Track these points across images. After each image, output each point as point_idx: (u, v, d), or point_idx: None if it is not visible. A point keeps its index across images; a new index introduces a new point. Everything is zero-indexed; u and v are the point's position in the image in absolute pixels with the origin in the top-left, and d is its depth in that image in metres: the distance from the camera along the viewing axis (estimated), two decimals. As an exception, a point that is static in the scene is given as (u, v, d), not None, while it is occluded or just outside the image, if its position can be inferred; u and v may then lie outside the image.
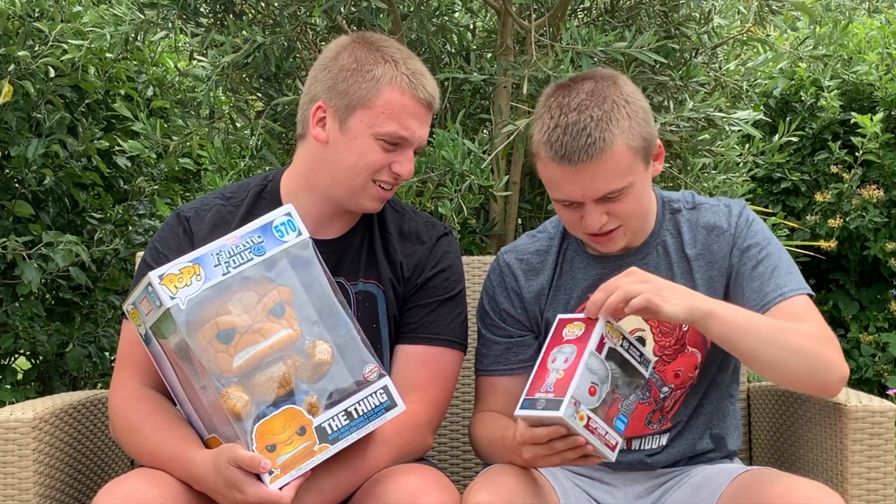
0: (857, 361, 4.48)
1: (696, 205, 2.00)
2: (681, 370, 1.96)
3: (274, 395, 1.71)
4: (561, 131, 1.81)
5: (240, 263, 1.74)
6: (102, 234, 3.38)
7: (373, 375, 1.79)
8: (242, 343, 1.70)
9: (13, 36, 3.16)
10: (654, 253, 1.98)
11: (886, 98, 4.34)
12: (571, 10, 3.10)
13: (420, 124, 1.92)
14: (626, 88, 1.88)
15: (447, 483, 1.80)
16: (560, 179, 1.84)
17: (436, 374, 1.97)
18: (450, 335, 1.99)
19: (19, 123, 3.17)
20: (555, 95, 1.87)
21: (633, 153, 1.83)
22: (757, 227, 1.96)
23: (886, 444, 1.89)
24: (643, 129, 1.85)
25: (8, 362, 3.50)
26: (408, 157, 1.92)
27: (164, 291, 1.68)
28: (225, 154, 2.96)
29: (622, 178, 1.83)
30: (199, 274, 1.71)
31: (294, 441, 1.70)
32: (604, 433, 1.69)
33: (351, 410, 1.75)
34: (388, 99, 1.88)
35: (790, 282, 1.89)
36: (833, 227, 4.30)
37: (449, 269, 2.02)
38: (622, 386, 1.73)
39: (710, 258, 1.95)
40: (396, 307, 1.98)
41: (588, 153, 1.79)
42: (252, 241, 1.76)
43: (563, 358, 1.73)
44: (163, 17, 2.89)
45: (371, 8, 2.79)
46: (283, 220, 1.79)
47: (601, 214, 1.85)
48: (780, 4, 3.02)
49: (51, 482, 1.97)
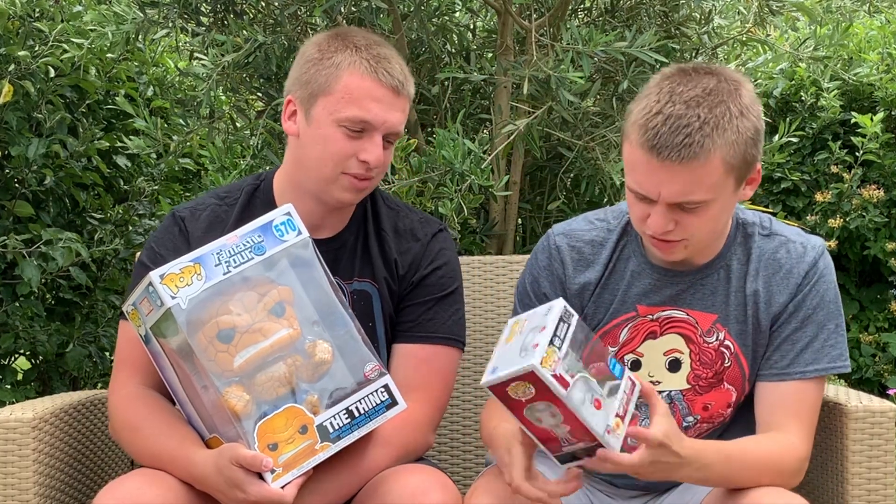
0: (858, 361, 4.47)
1: (771, 232, 1.87)
2: (711, 404, 1.88)
3: (275, 394, 1.71)
4: (662, 119, 1.66)
5: (240, 263, 1.74)
6: (102, 234, 3.38)
7: (374, 374, 1.78)
8: (243, 343, 1.70)
9: (13, 36, 3.16)
10: (714, 276, 1.86)
11: (887, 98, 4.33)
12: (572, 10, 3.10)
13: (385, 108, 1.86)
14: (746, 100, 1.72)
15: (449, 484, 1.80)
16: (641, 168, 1.70)
17: (435, 372, 1.97)
18: (447, 333, 1.98)
19: (19, 123, 3.17)
20: (671, 79, 1.72)
21: (728, 170, 1.69)
22: (822, 286, 1.83)
23: (886, 444, 1.89)
24: (747, 149, 1.70)
25: (8, 362, 3.49)
26: (374, 143, 1.86)
27: (166, 291, 1.68)
28: (226, 154, 2.96)
29: (706, 191, 1.69)
30: (199, 273, 1.71)
31: (296, 440, 1.70)
32: (624, 395, 1.60)
33: (352, 409, 1.75)
34: (346, 83, 1.85)
35: (820, 359, 1.81)
36: (833, 227, 4.30)
37: (445, 267, 2.01)
38: (584, 349, 1.60)
39: (767, 299, 1.84)
40: (392, 305, 1.98)
41: (680, 154, 1.65)
42: (252, 241, 1.76)
43: (548, 413, 1.56)
44: (164, 16, 2.89)
45: (371, 8, 2.79)
46: (283, 220, 1.79)
47: (669, 221, 1.72)
48: (781, 5, 3.02)
49: (51, 482, 1.97)
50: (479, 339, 2.37)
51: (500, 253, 2.98)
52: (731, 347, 1.86)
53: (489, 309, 2.38)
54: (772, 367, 1.83)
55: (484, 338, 2.37)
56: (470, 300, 2.37)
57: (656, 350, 1.88)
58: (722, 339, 1.86)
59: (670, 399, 1.88)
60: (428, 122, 3.10)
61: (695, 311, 1.87)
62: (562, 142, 2.94)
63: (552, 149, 3.04)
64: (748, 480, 1.72)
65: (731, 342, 1.86)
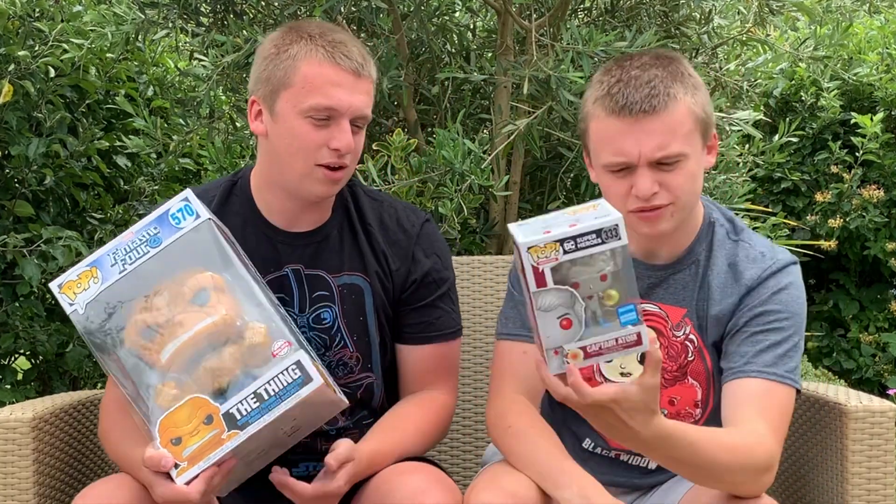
0: (858, 361, 4.48)
1: (739, 239, 1.87)
2: (677, 399, 1.88)
3: (211, 387, 1.66)
4: (623, 85, 1.71)
5: (136, 259, 1.71)
6: (103, 234, 3.38)
7: (283, 351, 1.68)
8: (166, 337, 1.67)
9: (13, 36, 3.16)
10: (686, 271, 1.87)
11: (886, 98, 4.34)
12: (571, 11, 3.10)
13: (348, 92, 1.82)
14: (688, 65, 1.80)
15: (450, 483, 1.80)
16: (616, 135, 1.72)
17: (451, 365, 2.03)
18: (454, 327, 2.03)
19: (19, 123, 3.17)
20: (615, 62, 1.78)
21: (695, 121, 1.74)
22: (786, 297, 1.80)
23: (886, 444, 1.89)
24: (704, 104, 1.77)
25: (8, 362, 3.49)
26: (342, 129, 1.83)
27: (64, 300, 1.70)
28: (225, 154, 2.96)
29: (682, 142, 1.72)
30: (96, 276, 1.70)
31: (200, 431, 1.63)
32: (614, 341, 1.48)
33: (261, 392, 1.64)
34: (305, 73, 1.82)
35: (778, 365, 1.76)
36: (833, 227, 4.30)
37: (440, 261, 2.01)
38: (596, 283, 1.47)
39: (719, 299, 1.84)
40: (385, 299, 1.97)
41: (651, 104, 1.70)
42: (148, 234, 1.72)
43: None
44: (164, 16, 2.89)
45: (371, 8, 2.79)
46: (181, 206, 1.75)
47: (653, 182, 1.73)
48: (781, 5, 3.02)
49: (50, 482, 1.97)
50: (478, 339, 2.37)
51: (500, 253, 2.98)
52: (694, 341, 1.86)
53: (489, 309, 2.38)
54: (732, 366, 1.80)
55: (483, 337, 2.37)
56: (470, 300, 2.38)
57: None
58: (688, 333, 1.87)
59: None
60: (428, 122, 3.10)
61: (666, 306, 1.88)
62: (562, 142, 2.94)
63: (552, 149, 3.04)
64: (717, 469, 1.65)
65: (696, 336, 1.86)
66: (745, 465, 1.66)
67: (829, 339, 4.58)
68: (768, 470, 1.70)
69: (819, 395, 2.01)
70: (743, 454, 1.66)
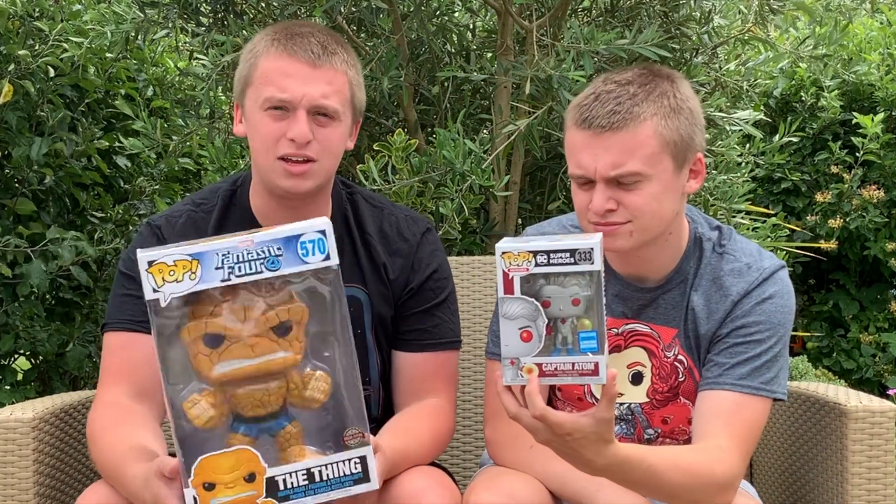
0: (858, 361, 4.48)
1: (724, 252, 1.85)
2: (670, 418, 1.88)
3: (252, 412, 1.51)
4: (593, 98, 1.71)
5: (246, 273, 1.48)
6: (103, 234, 3.38)
7: (353, 441, 1.55)
8: (229, 353, 1.49)
9: (13, 35, 3.16)
10: (676, 291, 1.86)
11: (887, 98, 4.34)
12: (572, 11, 3.10)
13: (301, 82, 1.81)
14: (682, 87, 1.76)
15: (450, 484, 1.80)
16: (576, 146, 1.73)
17: (448, 376, 1.99)
18: (452, 336, 2.00)
19: (20, 123, 3.17)
20: (606, 73, 1.78)
21: (663, 144, 1.71)
22: (769, 307, 1.79)
23: (886, 444, 1.89)
24: (683, 127, 1.73)
25: (8, 362, 3.49)
26: (298, 119, 1.80)
27: (149, 281, 1.46)
28: (225, 154, 2.96)
29: (640, 162, 1.69)
30: (194, 272, 1.47)
31: (238, 486, 1.49)
32: (570, 366, 1.48)
33: (314, 471, 1.52)
34: (263, 69, 1.83)
35: (753, 377, 1.76)
36: (833, 228, 4.31)
37: (439, 270, 2.00)
38: (568, 306, 1.47)
39: (706, 316, 1.83)
40: (383, 310, 1.96)
41: (610, 120, 1.68)
42: (269, 252, 1.49)
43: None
44: (163, 15, 2.89)
45: (371, 8, 2.79)
46: (314, 238, 1.52)
47: (608, 199, 1.71)
48: (781, 4, 3.02)
49: (50, 482, 1.97)
50: (478, 339, 2.37)
51: (500, 253, 2.97)
52: (684, 362, 1.86)
53: (489, 309, 2.38)
54: (707, 377, 1.80)
55: (483, 338, 2.37)
56: (470, 300, 2.38)
57: (620, 363, 1.88)
58: (676, 354, 1.86)
59: (631, 412, 1.89)
60: (428, 122, 3.10)
61: (657, 326, 1.87)
62: (562, 142, 2.93)
63: (552, 149, 3.04)
64: (675, 489, 1.64)
65: (685, 356, 1.86)
66: (704, 485, 1.66)
67: (829, 339, 4.59)
68: (728, 488, 1.69)
69: (819, 395, 2.01)
70: (702, 474, 1.66)
